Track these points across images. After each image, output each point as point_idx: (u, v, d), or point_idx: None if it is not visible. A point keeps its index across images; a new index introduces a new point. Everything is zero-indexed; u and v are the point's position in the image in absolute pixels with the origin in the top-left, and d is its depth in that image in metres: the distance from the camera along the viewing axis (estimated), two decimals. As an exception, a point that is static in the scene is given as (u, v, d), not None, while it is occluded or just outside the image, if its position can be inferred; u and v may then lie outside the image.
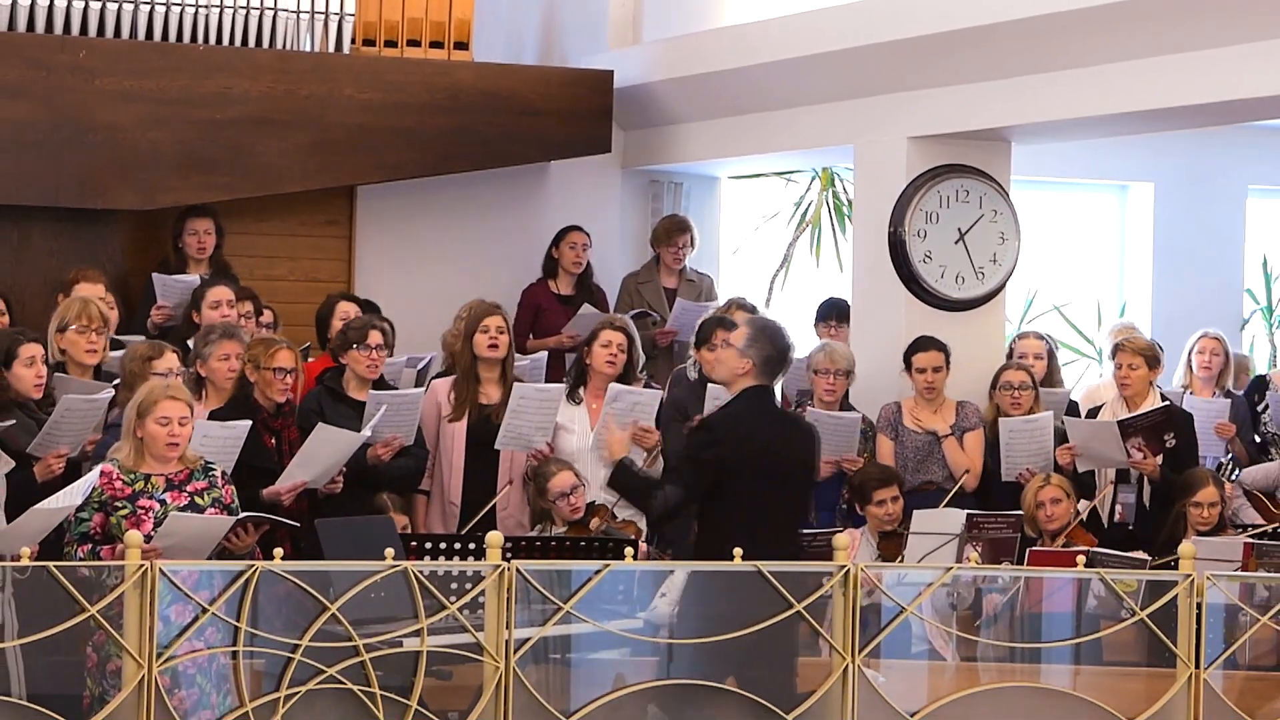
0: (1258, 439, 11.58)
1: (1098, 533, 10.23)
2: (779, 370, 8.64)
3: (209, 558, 7.96)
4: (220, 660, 7.50)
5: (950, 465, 10.70)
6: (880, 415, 10.85)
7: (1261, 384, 11.89)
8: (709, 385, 10.13)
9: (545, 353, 11.62)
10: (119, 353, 9.81)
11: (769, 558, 7.89)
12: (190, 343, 10.09)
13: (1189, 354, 11.56)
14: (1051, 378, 11.40)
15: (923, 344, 10.87)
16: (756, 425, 8.39)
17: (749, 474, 8.28)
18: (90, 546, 7.96)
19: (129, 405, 8.24)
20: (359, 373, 9.87)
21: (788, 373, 11.52)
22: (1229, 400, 11.40)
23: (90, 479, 7.97)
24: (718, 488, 8.30)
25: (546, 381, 11.03)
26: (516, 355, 10.54)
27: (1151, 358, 10.81)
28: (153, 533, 7.86)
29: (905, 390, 10.97)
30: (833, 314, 12.11)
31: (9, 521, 7.92)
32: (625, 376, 10.20)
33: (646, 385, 10.55)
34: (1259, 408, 11.63)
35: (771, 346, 8.48)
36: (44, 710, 7.15)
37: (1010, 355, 11.45)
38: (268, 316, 10.91)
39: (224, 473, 8.37)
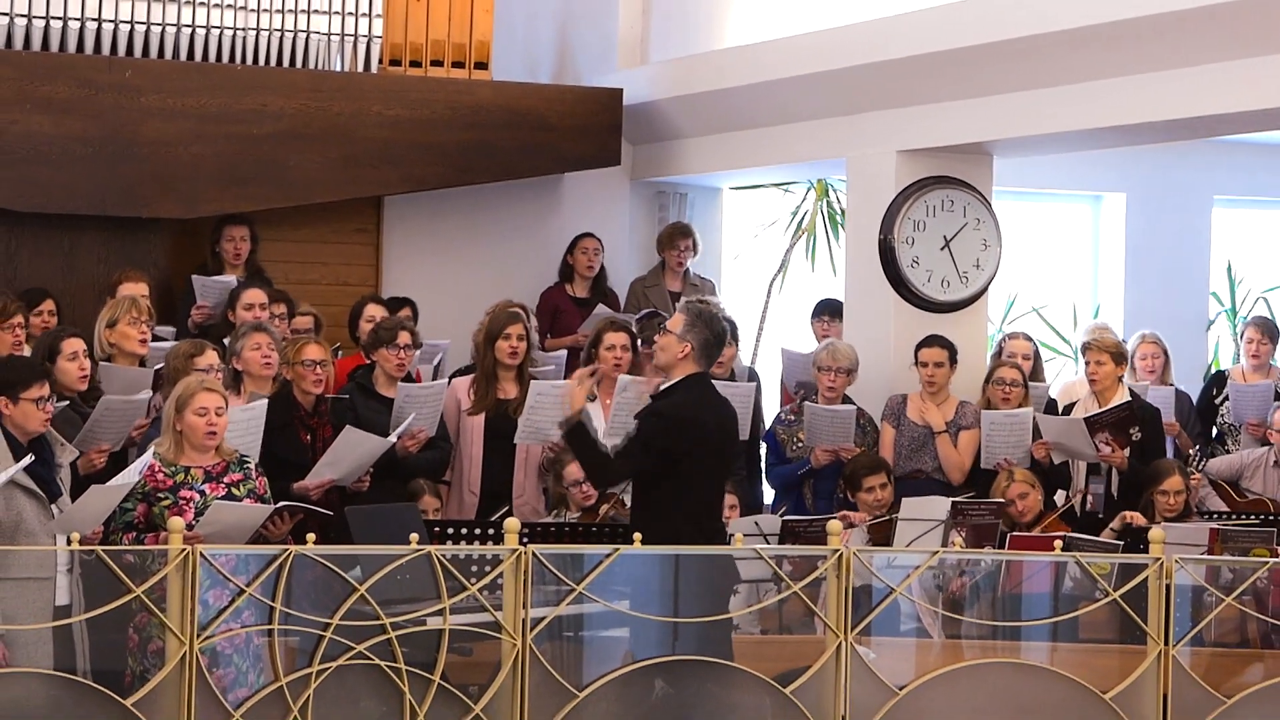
0: (1215, 430, 11.59)
1: (1070, 522, 10.20)
2: (716, 353, 8.53)
3: (246, 544, 7.99)
4: (255, 641, 7.50)
5: (940, 459, 10.68)
6: (886, 405, 10.87)
7: (1220, 378, 11.90)
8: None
9: (565, 351, 11.60)
10: (157, 344, 9.83)
11: (705, 530, 8.11)
12: (226, 341, 10.13)
13: (1131, 357, 11.49)
14: (1035, 375, 11.38)
15: (929, 341, 10.87)
16: (702, 412, 8.30)
17: (694, 458, 8.22)
18: (135, 535, 7.96)
19: (167, 401, 8.24)
20: (387, 370, 9.88)
21: (790, 367, 11.68)
22: (1172, 389, 11.41)
23: (145, 460, 7.99)
24: (662, 470, 8.21)
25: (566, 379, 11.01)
26: (539, 353, 10.54)
27: (1117, 354, 10.78)
28: (194, 521, 7.87)
29: (901, 384, 10.97)
30: (826, 311, 12.12)
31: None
32: (633, 371, 10.17)
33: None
34: (1217, 400, 11.64)
35: (708, 330, 8.36)
36: (94, 685, 7.16)
37: (999, 353, 11.44)
38: (308, 321, 10.90)
39: (257, 465, 8.37)
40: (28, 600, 7.53)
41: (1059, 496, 10.53)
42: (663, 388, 8.46)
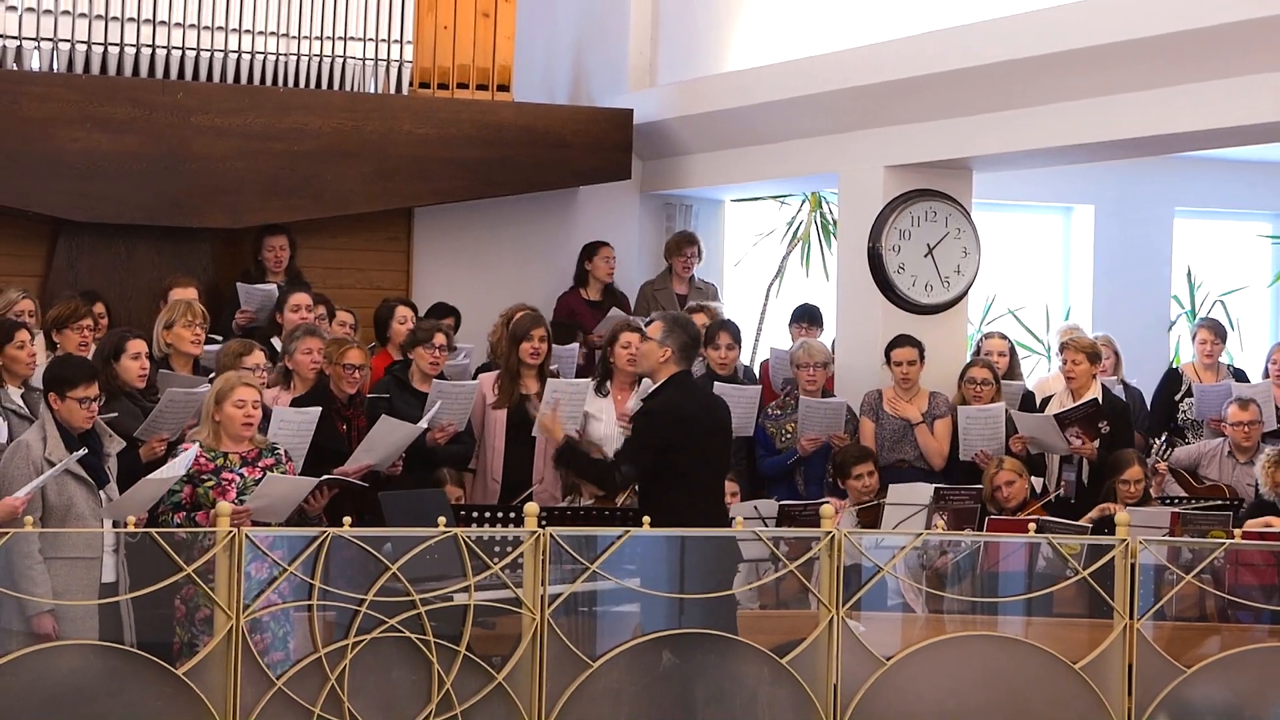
0: (1176, 423, 11.58)
1: (1049, 508, 10.19)
2: (694, 354, 8.54)
3: (288, 519, 8.04)
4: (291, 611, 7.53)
5: (921, 448, 10.68)
6: (864, 401, 10.85)
7: (1175, 375, 11.89)
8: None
9: (576, 345, 11.61)
10: (211, 347, 9.85)
11: (705, 519, 8.06)
12: (274, 341, 10.14)
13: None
14: (1012, 372, 11.37)
15: (899, 341, 10.86)
16: (689, 408, 8.30)
17: (687, 451, 8.22)
18: (184, 513, 8.01)
19: (207, 394, 8.30)
20: (423, 368, 9.91)
21: (778, 365, 11.67)
22: (1121, 385, 11.40)
23: (190, 454, 8.04)
24: (661, 463, 8.22)
25: (575, 374, 11.02)
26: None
27: (1093, 354, 10.79)
28: (236, 500, 7.93)
29: (886, 380, 10.96)
30: (804, 317, 12.11)
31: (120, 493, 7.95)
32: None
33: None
34: (1176, 397, 11.63)
35: (685, 334, 8.38)
36: (148, 656, 7.18)
37: (978, 352, 11.43)
38: (350, 318, 10.94)
39: (286, 452, 8.45)
40: (77, 577, 7.58)
41: (1037, 484, 10.52)
42: (651, 390, 8.49)
